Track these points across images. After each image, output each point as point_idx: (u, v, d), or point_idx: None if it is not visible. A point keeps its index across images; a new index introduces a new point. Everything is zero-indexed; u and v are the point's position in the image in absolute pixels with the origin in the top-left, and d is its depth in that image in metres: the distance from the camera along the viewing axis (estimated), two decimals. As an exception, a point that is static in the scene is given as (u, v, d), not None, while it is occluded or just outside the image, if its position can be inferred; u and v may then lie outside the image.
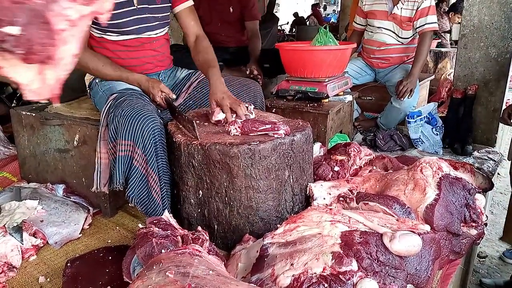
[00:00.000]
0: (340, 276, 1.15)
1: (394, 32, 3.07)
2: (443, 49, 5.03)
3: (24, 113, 2.11)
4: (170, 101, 1.84)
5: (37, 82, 0.57)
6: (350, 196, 1.61)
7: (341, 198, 1.64)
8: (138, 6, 1.84)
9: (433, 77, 3.97)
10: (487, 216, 1.68)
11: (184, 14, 2.04)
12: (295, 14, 13.44)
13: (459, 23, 5.63)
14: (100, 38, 1.86)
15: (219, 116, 1.72)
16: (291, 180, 1.65)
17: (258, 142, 1.51)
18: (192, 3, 2.06)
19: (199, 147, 1.54)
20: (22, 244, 1.61)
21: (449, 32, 6.34)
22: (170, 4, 1.99)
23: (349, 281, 1.15)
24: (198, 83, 2.08)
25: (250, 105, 1.79)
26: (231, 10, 3.30)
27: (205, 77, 1.94)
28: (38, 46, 0.53)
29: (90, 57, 1.83)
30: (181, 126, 1.73)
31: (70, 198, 1.99)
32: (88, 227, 1.86)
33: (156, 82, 1.85)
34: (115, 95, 1.74)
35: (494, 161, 2.58)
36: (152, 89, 1.82)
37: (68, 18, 0.56)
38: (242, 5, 3.31)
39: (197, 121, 1.76)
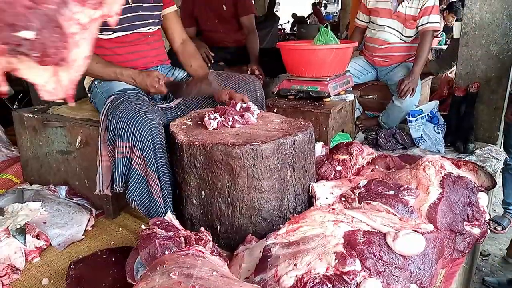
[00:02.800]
0: (343, 276, 1.15)
1: (397, 31, 3.06)
2: (444, 47, 5.01)
3: (26, 115, 2.11)
4: (171, 82, 1.87)
5: (52, 83, 0.60)
6: (352, 196, 1.61)
7: (343, 198, 1.64)
8: (133, 4, 1.88)
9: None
10: (490, 215, 1.67)
11: (171, 17, 2.12)
12: (294, 15, 13.40)
13: (452, 22, 5.62)
14: (97, 38, 1.87)
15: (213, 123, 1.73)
16: (294, 180, 1.65)
17: (260, 142, 1.51)
18: (176, 8, 2.14)
19: (201, 147, 1.54)
20: (26, 246, 1.61)
21: (444, 31, 6.28)
22: (162, 5, 2.04)
23: (353, 281, 1.15)
24: None
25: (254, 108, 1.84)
26: (224, 7, 3.26)
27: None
28: (52, 49, 0.56)
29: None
30: (195, 96, 1.75)
31: (73, 199, 1.99)
32: (91, 228, 1.86)
33: (150, 72, 1.88)
34: (112, 96, 1.75)
35: (497, 159, 2.58)
36: (148, 78, 1.83)
37: (79, 22, 0.59)
38: (234, 0, 3.26)
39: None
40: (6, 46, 0.54)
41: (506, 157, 2.79)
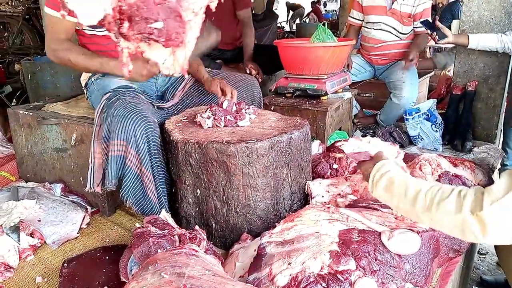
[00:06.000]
0: (337, 275, 1.14)
1: (394, 28, 3.06)
2: (442, 45, 4.99)
3: (21, 112, 2.10)
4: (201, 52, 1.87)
5: (170, 60, 0.74)
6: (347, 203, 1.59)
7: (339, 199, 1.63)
8: None
9: (433, 73, 3.95)
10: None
11: None
12: (287, 3, 13.32)
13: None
14: (92, 35, 1.85)
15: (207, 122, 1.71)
16: (289, 178, 1.64)
17: (255, 140, 1.50)
18: None
19: (196, 145, 1.53)
20: (19, 244, 1.60)
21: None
22: None
23: (347, 280, 1.14)
24: (194, 82, 2.08)
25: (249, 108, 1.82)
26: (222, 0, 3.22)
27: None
28: (175, 34, 0.70)
29: (70, 51, 1.78)
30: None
31: (68, 197, 1.98)
32: (86, 226, 1.85)
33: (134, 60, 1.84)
34: (108, 94, 1.73)
35: (494, 157, 2.57)
36: (135, 65, 1.79)
37: (193, 11, 0.72)
38: None
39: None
40: (141, 35, 0.68)
41: (504, 157, 2.78)
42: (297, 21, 13.06)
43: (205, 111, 1.75)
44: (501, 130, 2.97)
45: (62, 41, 1.78)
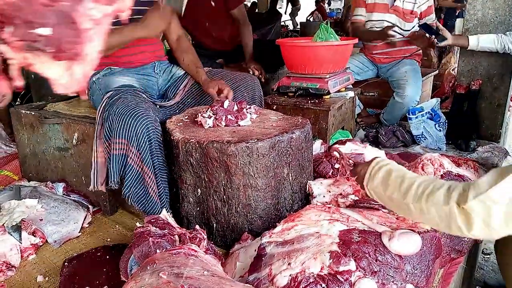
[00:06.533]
0: (337, 275, 1.14)
1: (397, 25, 3.04)
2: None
3: (23, 111, 2.10)
4: None
5: (66, 77, 0.62)
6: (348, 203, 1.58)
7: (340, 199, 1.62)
8: None
9: (436, 72, 3.92)
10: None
11: None
12: None
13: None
14: None
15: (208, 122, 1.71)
16: (290, 178, 1.63)
17: (256, 140, 1.50)
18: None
19: (197, 145, 1.53)
20: (21, 243, 1.61)
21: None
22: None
23: (347, 281, 1.13)
24: (194, 82, 2.07)
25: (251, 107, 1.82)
26: (213, 3, 3.16)
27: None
28: (67, 44, 0.58)
29: None
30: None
31: (70, 196, 1.99)
32: (87, 225, 1.85)
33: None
34: (110, 93, 1.73)
35: (499, 157, 2.55)
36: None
37: (93, 18, 0.61)
38: None
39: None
40: (23, 43, 0.56)
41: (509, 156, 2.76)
42: (298, 17, 13.00)
43: (206, 111, 1.75)
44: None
45: None
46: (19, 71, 0.60)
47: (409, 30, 3.04)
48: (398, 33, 3.05)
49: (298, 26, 11.31)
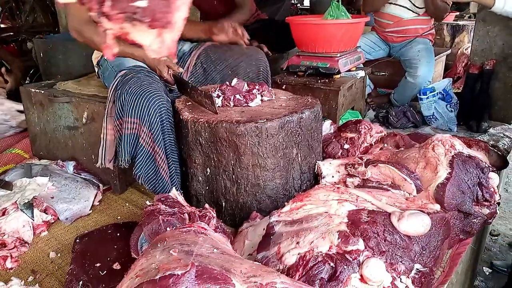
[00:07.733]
0: (346, 255, 1.14)
1: (410, 1, 2.96)
2: (460, 22, 4.85)
3: (33, 90, 2.11)
4: (178, 77, 1.82)
5: (157, 43, 0.70)
6: (359, 162, 1.58)
7: (349, 165, 1.62)
8: None
9: (449, 51, 3.84)
10: (500, 195, 1.64)
11: None
12: None
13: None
14: None
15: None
16: (299, 158, 1.63)
17: (265, 120, 1.49)
18: None
19: (206, 124, 1.52)
20: (33, 220, 1.63)
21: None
22: None
23: (355, 260, 1.14)
24: (197, 61, 2.04)
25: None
26: None
27: (207, 46, 2.05)
28: (160, 14, 0.66)
29: (95, 32, 1.78)
30: (194, 102, 1.72)
31: (81, 175, 2.00)
32: (98, 203, 1.88)
33: (162, 60, 1.82)
34: (124, 71, 1.71)
35: (510, 138, 2.51)
36: (158, 65, 1.79)
37: None
38: None
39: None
40: (123, 15, 0.64)
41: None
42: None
43: (215, 90, 1.73)
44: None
45: (86, 22, 1.75)
46: (114, 39, 0.68)
47: (422, 8, 2.97)
48: (412, 11, 2.98)
49: (309, 4, 11.10)
